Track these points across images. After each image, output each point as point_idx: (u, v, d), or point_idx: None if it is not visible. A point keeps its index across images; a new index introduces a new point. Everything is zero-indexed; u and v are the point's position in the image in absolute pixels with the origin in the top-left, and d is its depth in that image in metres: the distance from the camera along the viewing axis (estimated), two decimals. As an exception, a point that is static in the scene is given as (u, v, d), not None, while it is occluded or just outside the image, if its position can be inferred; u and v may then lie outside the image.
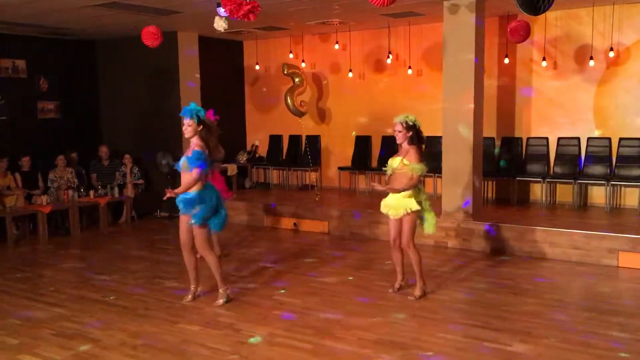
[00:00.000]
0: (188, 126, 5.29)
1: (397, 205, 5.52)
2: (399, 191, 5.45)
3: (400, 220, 5.56)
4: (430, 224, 5.61)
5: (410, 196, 5.46)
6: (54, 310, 5.56)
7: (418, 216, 5.57)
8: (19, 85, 10.15)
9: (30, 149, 9.87)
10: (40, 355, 4.52)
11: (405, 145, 5.53)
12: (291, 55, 11.10)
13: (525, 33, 7.37)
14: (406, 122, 5.48)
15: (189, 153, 5.31)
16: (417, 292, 5.71)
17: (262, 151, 11.99)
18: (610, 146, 8.68)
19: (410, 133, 5.49)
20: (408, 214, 5.48)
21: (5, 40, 9.88)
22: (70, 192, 9.38)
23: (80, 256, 7.93)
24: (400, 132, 5.50)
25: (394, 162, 5.54)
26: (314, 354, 4.42)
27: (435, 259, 7.28)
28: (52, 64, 10.59)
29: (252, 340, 4.71)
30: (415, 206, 5.45)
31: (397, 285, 5.93)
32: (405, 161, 5.45)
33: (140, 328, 5.04)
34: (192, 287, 5.77)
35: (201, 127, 5.32)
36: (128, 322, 5.19)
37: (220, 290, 5.62)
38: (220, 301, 5.57)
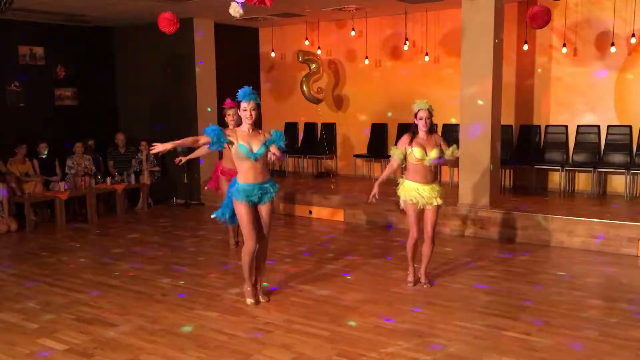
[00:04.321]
0: (252, 110, 4.85)
1: (430, 195, 5.41)
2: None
3: (431, 211, 5.48)
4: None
5: (441, 187, 5.51)
6: (72, 295, 5.62)
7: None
8: (37, 72, 10.21)
9: (47, 136, 9.95)
10: (59, 339, 4.57)
11: (424, 134, 5.37)
12: (307, 42, 11.03)
13: (545, 19, 7.25)
14: (431, 108, 5.37)
15: (255, 141, 4.89)
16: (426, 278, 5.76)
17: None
18: (630, 134, 8.54)
19: (431, 120, 5.39)
20: (439, 204, 5.49)
21: (24, 27, 9.93)
22: (88, 178, 9.45)
23: (98, 242, 7.99)
24: (429, 119, 5.33)
25: (433, 154, 5.32)
26: (330, 341, 4.42)
27: (452, 247, 7.24)
28: (69, 51, 10.63)
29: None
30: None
31: (414, 278, 5.79)
32: (444, 149, 5.40)
33: (158, 314, 5.07)
34: (249, 287, 5.26)
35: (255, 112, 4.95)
36: (145, 308, 5.22)
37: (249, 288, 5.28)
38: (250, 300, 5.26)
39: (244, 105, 4.85)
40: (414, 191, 5.39)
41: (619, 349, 4.24)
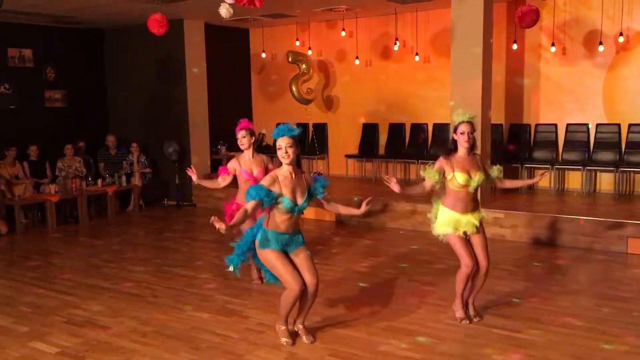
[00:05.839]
0: (288, 148, 4.12)
1: (474, 223, 4.62)
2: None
3: (478, 235, 4.67)
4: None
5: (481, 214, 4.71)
6: (63, 297, 5.59)
7: None
8: (26, 74, 10.16)
9: (37, 138, 9.90)
10: (50, 342, 4.55)
11: (465, 152, 4.54)
12: (297, 43, 11.04)
13: (534, 18, 7.29)
14: (474, 121, 4.55)
15: (298, 188, 4.21)
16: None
17: (269, 139, 11.97)
18: (619, 132, 8.61)
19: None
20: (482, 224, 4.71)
21: (12, 29, 9.89)
22: (78, 181, 9.41)
23: (89, 244, 7.97)
24: (471, 134, 4.48)
25: (478, 178, 4.51)
26: (322, 341, 4.43)
27: (443, 246, 7.21)
28: (59, 53, 10.59)
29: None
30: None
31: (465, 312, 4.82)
32: (494, 173, 4.73)
33: (150, 315, 5.07)
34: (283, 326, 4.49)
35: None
36: (137, 310, 5.21)
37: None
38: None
39: (278, 142, 4.14)
40: (452, 223, 4.57)
41: (608, 345, 4.27)
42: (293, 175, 4.20)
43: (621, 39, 8.40)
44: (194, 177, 5.63)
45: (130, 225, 9.14)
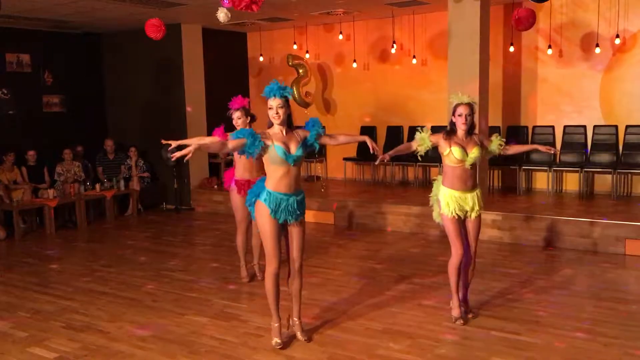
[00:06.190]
0: (279, 108, 4.10)
1: (472, 205, 4.65)
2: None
3: (473, 222, 4.70)
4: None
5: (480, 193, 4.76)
6: (62, 302, 5.60)
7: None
8: (24, 79, 10.16)
9: (35, 143, 9.90)
10: (49, 347, 4.55)
11: (463, 134, 4.58)
12: (295, 46, 11.06)
13: (530, 21, 7.32)
14: (473, 103, 4.60)
15: (291, 142, 4.20)
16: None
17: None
18: (616, 134, 8.63)
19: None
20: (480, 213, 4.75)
21: (10, 34, 9.88)
22: (77, 185, 9.41)
23: (88, 249, 7.96)
24: (469, 116, 4.52)
25: (475, 153, 4.55)
26: (320, 344, 4.43)
27: (441, 248, 7.26)
28: (56, 58, 10.59)
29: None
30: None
31: (460, 311, 4.84)
32: (495, 143, 4.74)
33: (148, 320, 5.07)
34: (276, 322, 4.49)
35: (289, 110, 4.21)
36: (136, 314, 5.21)
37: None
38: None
39: (269, 102, 4.13)
40: (453, 202, 4.59)
41: (606, 347, 4.28)
42: (284, 133, 4.20)
43: (617, 41, 8.43)
44: (174, 143, 5.63)
45: (128, 230, 9.14)
